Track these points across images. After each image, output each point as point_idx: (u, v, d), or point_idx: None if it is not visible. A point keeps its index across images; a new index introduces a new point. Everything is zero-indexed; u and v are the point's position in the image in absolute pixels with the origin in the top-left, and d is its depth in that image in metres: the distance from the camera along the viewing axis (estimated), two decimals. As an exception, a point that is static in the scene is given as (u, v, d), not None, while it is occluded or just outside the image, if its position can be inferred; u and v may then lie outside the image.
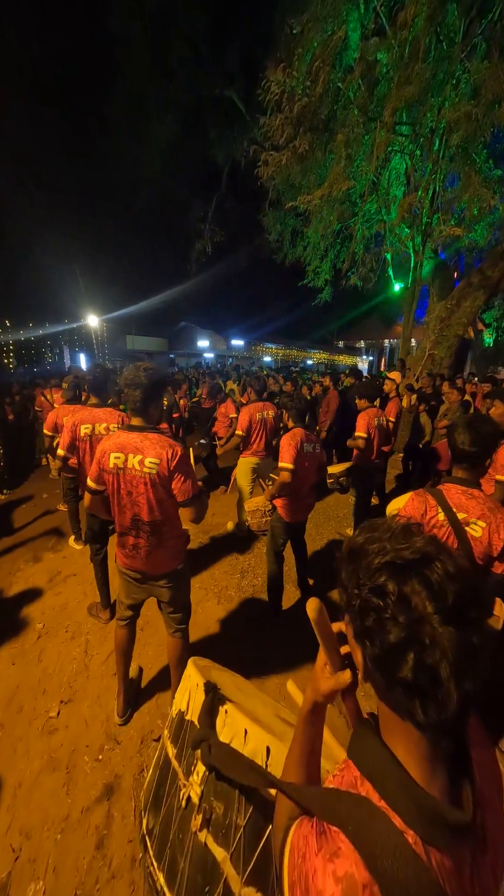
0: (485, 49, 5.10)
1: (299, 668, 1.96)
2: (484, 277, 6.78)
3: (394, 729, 0.40)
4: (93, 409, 2.13)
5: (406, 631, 0.34)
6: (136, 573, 1.52)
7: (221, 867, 0.63)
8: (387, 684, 0.37)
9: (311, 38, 5.57)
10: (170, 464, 1.33)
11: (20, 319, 20.06)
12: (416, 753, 0.38)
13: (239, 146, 8.81)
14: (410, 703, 0.35)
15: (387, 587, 0.36)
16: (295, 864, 0.39)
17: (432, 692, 0.34)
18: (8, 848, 1.25)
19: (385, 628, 0.35)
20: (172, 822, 0.69)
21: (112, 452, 1.36)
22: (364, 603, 0.38)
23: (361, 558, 0.40)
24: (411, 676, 0.34)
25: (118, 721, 1.65)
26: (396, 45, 5.15)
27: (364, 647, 0.38)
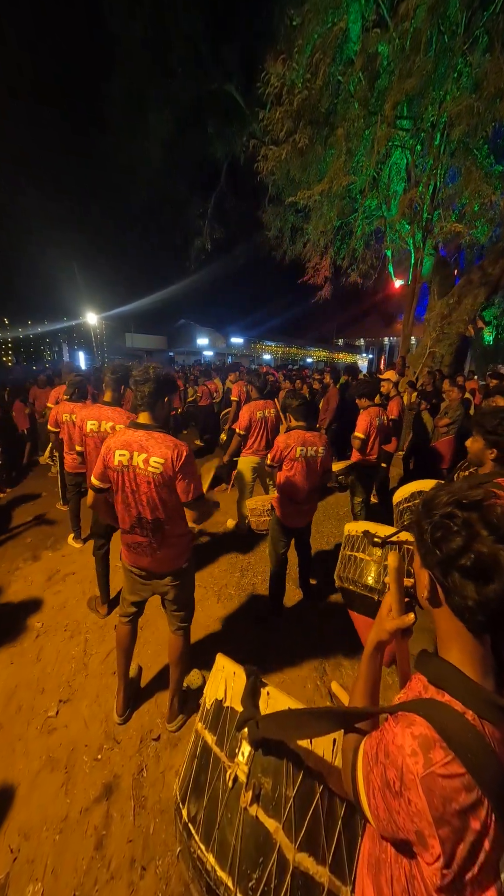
0: (486, 42, 5.03)
1: (300, 669, 1.95)
2: (484, 274, 6.74)
3: (451, 644, 0.52)
4: (102, 406, 2.12)
5: (466, 541, 0.48)
6: (142, 571, 1.51)
7: (274, 837, 0.66)
8: (446, 582, 0.49)
9: (312, 29, 5.50)
10: (175, 464, 1.32)
11: (18, 317, 19.97)
12: (470, 660, 0.50)
13: (238, 141, 8.72)
14: (466, 588, 0.47)
15: (454, 513, 0.50)
16: (369, 759, 0.49)
17: (484, 577, 0.46)
18: (6, 849, 1.24)
19: (451, 539, 0.49)
20: (219, 803, 0.71)
21: (117, 450, 1.35)
22: (435, 524, 0.51)
23: (434, 500, 0.54)
24: (470, 564, 0.47)
25: (117, 720, 1.64)
26: (397, 37, 5.09)
27: (433, 557, 0.51)
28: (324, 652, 2.05)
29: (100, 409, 2.10)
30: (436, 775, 0.42)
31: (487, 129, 5.35)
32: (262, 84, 6.03)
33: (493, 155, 6.43)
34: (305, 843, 0.65)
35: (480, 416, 1.48)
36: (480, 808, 0.41)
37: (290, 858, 0.64)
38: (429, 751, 0.44)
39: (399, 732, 0.46)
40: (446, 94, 5.23)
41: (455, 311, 7.04)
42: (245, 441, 3.09)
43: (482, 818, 0.41)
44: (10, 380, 8.33)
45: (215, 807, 0.71)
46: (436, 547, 0.50)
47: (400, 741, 0.46)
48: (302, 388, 6.68)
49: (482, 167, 5.81)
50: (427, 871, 0.43)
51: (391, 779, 0.45)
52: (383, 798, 0.46)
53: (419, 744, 0.44)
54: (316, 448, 2.04)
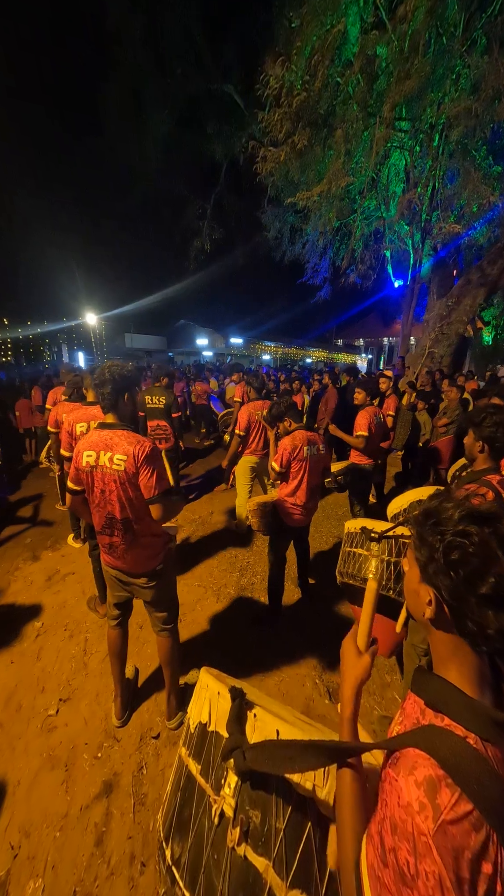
0: (485, 43, 5.05)
1: (298, 667, 1.96)
2: (483, 275, 6.76)
3: (449, 662, 0.50)
4: (89, 407, 2.12)
5: (484, 564, 0.45)
6: (117, 571, 1.52)
7: (264, 877, 0.61)
8: (459, 608, 0.47)
9: (310, 31, 5.52)
10: (136, 459, 1.32)
11: (18, 317, 19.96)
12: (469, 678, 0.49)
13: (237, 142, 8.73)
14: (483, 616, 0.45)
15: (470, 530, 0.47)
16: (375, 867, 0.44)
17: (502, 605, 0.44)
18: (7, 846, 1.25)
19: (468, 560, 0.46)
20: (205, 843, 0.66)
21: (84, 451, 1.37)
22: (448, 543, 0.48)
23: (440, 514, 0.51)
24: (490, 592, 0.44)
25: (116, 724, 1.64)
26: (396, 39, 5.11)
27: (444, 580, 0.48)
28: (322, 650, 2.07)
29: (86, 409, 2.09)
30: (446, 824, 0.39)
31: (486, 131, 5.37)
32: (260, 85, 6.05)
33: (492, 156, 6.45)
34: (296, 881, 0.60)
35: (472, 412, 1.51)
36: (491, 847, 0.39)
37: None
38: (435, 795, 0.41)
39: (403, 786, 0.43)
40: (445, 95, 5.25)
41: (454, 311, 7.06)
42: (244, 441, 3.10)
43: (493, 859, 0.39)
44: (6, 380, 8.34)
45: (201, 847, 0.66)
46: (449, 568, 0.47)
47: (406, 798, 0.42)
48: (301, 389, 6.70)
49: (481, 168, 5.84)
50: None
51: (403, 862, 0.41)
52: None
53: (425, 791, 0.41)
54: (318, 446, 2.08)
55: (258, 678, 1.88)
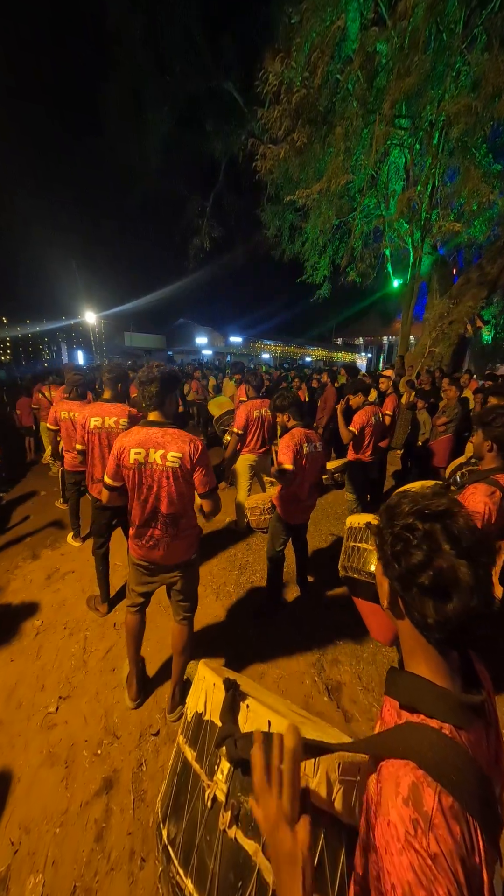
0: (485, 40, 5.02)
1: (297, 665, 1.97)
2: (483, 273, 6.75)
3: (417, 655, 0.50)
4: (103, 403, 2.17)
5: (427, 556, 0.45)
6: (151, 564, 1.56)
7: (254, 860, 0.63)
8: (406, 597, 0.48)
9: (310, 27, 5.48)
10: (192, 457, 1.38)
11: (17, 316, 19.90)
12: (436, 668, 0.49)
13: (236, 140, 8.69)
14: (425, 606, 0.46)
15: (415, 525, 0.47)
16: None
17: (443, 597, 0.44)
18: (7, 842, 1.25)
19: (410, 553, 0.47)
20: (198, 825, 0.69)
21: (132, 448, 1.38)
22: (395, 535, 0.49)
23: (396, 508, 0.51)
24: (428, 583, 0.45)
25: (131, 705, 1.68)
26: (396, 36, 5.08)
27: (392, 569, 0.49)
28: (321, 647, 2.08)
29: (101, 405, 2.15)
30: (437, 829, 0.38)
31: (486, 129, 5.35)
32: (260, 82, 6.01)
33: (492, 154, 6.43)
34: None
35: (481, 411, 1.53)
36: (474, 837, 0.39)
37: (271, 881, 0.61)
38: (421, 803, 0.39)
39: (393, 815, 0.40)
40: (445, 92, 5.22)
41: (454, 310, 7.05)
42: (243, 440, 3.10)
43: (478, 848, 0.39)
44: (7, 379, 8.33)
45: (194, 829, 0.69)
46: (395, 560, 0.48)
47: (400, 830, 0.39)
48: (301, 387, 6.70)
49: (480, 166, 5.81)
50: None
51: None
52: None
53: (413, 804, 0.40)
54: (315, 444, 2.09)
55: (258, 676, 1.88)
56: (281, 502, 2.13)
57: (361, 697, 1.78)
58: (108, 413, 2.11)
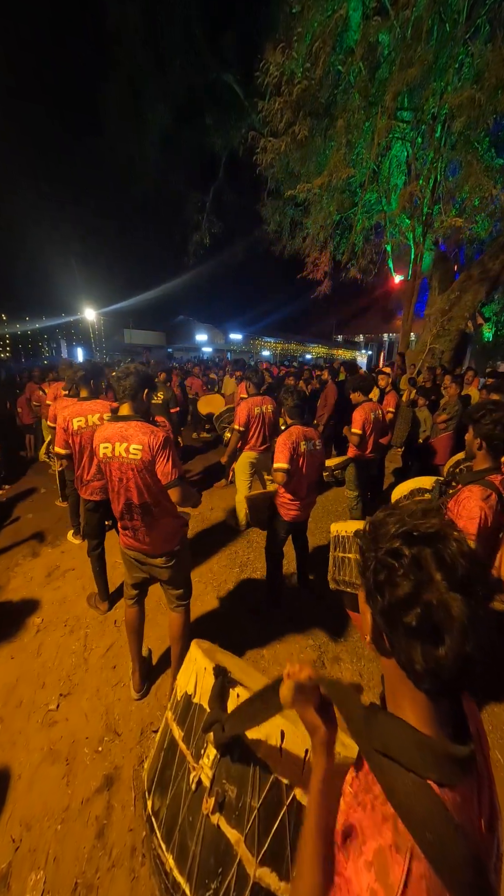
0: (488, 31, 4.95)
1: (298, 662, 1.97)
2: (484, 270, 6.70)
3: (401, 696, 0.44)
4: (82, 402, 2.13)
5: (415, 588, 0.39)
6: (136, 552, 1.60)
7: (235, 849, 0.63)
8: (391, 636, 0.41)
9: (311, 17, 5.39)
10: (152, 448, 1.40)
11: (16, 313, 19.77)
12: (421, 709, 0.42)
13: (237, 133, 8.58)
14: (412, 650, 0.39)
15: (402, 550, 0.41)
16: None
17: (433, 640, 0.38)
18: (8, 838, 1.25)
19: (395, 584, 0.40)
20: (182, 804, 0.69)
21: (101, 444, 1.45)
22: (379, 562, 0.42)
23: (380, 528, 0.45)
24: (415, 623, 0.38)
25: (135, 696, 1.71)
26: (398, 26, 5.00)
27: (375, 602, 0.42)
28: (322, 645, 2.08)
29: (80, 405, 2.10)
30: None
31: (488, 121, 5.28)
32: (261, 74, 5.92)
33: (494, 148, 6.35)
34: (268, 858, 0.61)
35: (471, 408, 1.50)
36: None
37: (251, 873, 0.61)
38: (387, 874, 0.35)
39: (349, 863, 0.38)
40: (447, 84, 5.14)
41: (455, 306, 7.01)
42: (244, 437, 3.08)
43: None
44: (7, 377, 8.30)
45: (178, 807, 0.69)
46: (378, 591, 0.41)
47: (351, 875, 0.37)
48: (299, 385, 6.67)
49: (483, 160, 5.74)
50: None
51: None
52: None
53: (376, 872, 0.36)
54: (314, 441, 2.08)
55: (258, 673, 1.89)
56: (280, 500, 2.12)
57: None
58: (89, 411, 2.07)
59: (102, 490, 2.13)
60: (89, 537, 2.27)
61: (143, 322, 24.69)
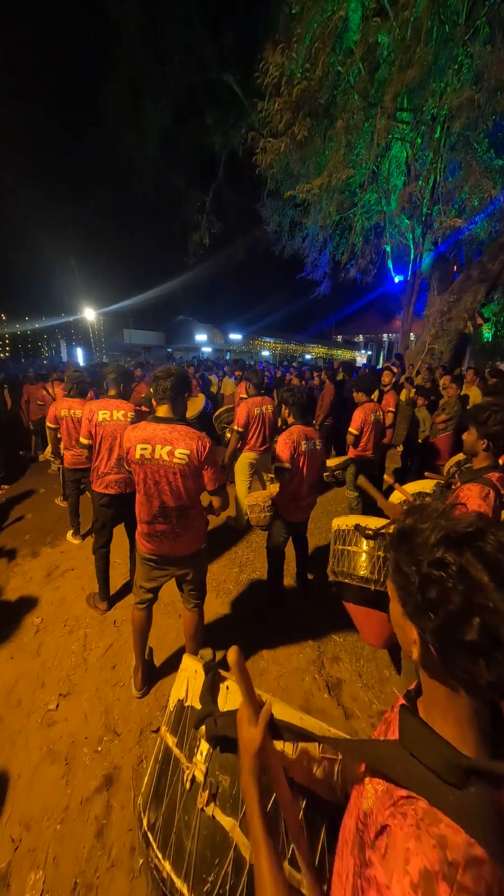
0: (487, 32, 4.96)
1: (298, 662, 1.97)
2: (484, 270, 6.72)
3: (443, 706, 0.42)
4: (109, 399, 2.21)
5: (468, 600, 0.36)
6: (161, 557, 1.58)
7: (231, 836, 0.63)
8: (447, 653, 0.39)
9: (311, 18, 5.40)
10: (200, 455, 1.40)
11: (15, 313, 19.76)
12: (464, 730, 0.40)
13: (236, 133, 8.60)
14: (474, 665, 0.37)
15: (446, 559, 0.38)
16: None
17: (495, 646, 0.35)
18: (8, 838, 1.25)
19: (448, 598, 0.37)
20: (177, 807, 0.70)
21: (139, 444, 1.40)
22: (425, 577, 0.39)
23: (415, 537, 0.42)
24: (477, 638, 0.36)
25: (136, 694, 1.72)
26: (398, 27, 5.01)
27: (425, 621, 0.39)
28: (322, 645, 2.08)
29: (108, 401, 2.19)
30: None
31: (488, 122, 5.30)
32: (260, 74, 5.93)
33: (493, 149, 6.36)
34: None
35: (474, 408, 1.50)
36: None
37: (248, 857, 0.61)
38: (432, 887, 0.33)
39: (394, 882, 0.34)
40: (447, 85, 5.16)
41: (455, 307, 7.02)
42: (244, 438, 3.09)
43: None
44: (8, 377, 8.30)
45: (173, 811, 0.70)
46: (430, 610, 0.39)
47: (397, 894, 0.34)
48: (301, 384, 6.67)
49: (482, 161, 5.76)
50: None
51: None
52: None
53: (423, 894, 0.33)
54: (314, 441, 2.09)
55: (258, 673, 1.89)
56: (280, 500, 2.12)
57: (362, 694, 1.78)
58: (115, 407, 2.15)
59: (118, 484, 2.15)
60: (98, 534, 2.27)
61: (142, 322, 24.70)
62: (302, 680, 1.86)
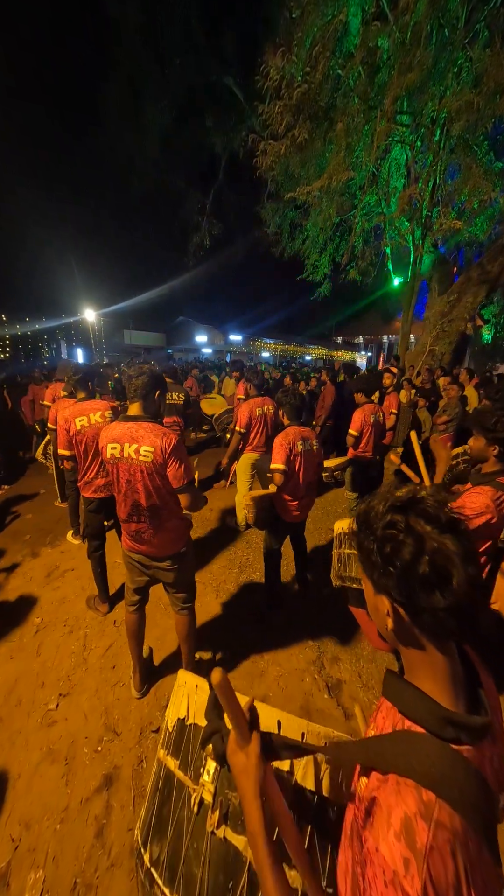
0: (487, 36, 4.99)
1: (298, 663, 1.97)
2: (483, 272, 6.74)
3: (419, 666, 0.47)
4: (82, 402, 2.14)
5: (417, 545, 0.44)
6: (141, 556, 1.57)
7: (244, 855, 0.62)
8: (411, 600, 0.44)
9: (311, 21, 5.43)
10: (164, 451, 1.37)
11: (16, 314, 19.79)
12: (441, 685, 0.46)
13: (237, 135, 8.64)
14: (433, 599, 0.43)
15: (395, 520, 0.46)
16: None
17: (445, 578, 0.42)
18: (7, 838, 1.26)
19: (401, 548, 0.44)
20: (184, 834, 0.66)
21: (108, 444, 1.41)
22: (381, 538, 0.46)
23: (369, 515, 0.49)
24: (429, 571, 0.43)
25: (136, 695, 1.72)
26: (398, 31, 5.03)
27: (388, 579, 0.46)
28: (321, 645, 2.08)
29: (80, 405, 2.10)
30: (429, 867, 0.36)
31: (487, 125, 5.32)
32: (260, 77, 5.96)
33: (493, 151, 6.39)
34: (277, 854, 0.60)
35: (479, 414, 1.50)
36: (476, 855, 0.37)
37: None
38: (414, 840, 0.37)
39: (383, 848, 0.38)
40: (446, 88, 5.18)
41: (455, 308, 7.04)
42: (245, 438, 3.09)
43: (477, 870, 0.37)
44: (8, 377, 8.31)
45: (180, 839, 0.66)
46: (388, 564, 0.45)
47: (390, 866, 0.37)
48: (299, 385, 6.69)
49: (482, 164, 5.78)
50: None
51: None
52: None
53: (405, 841, 0.38)
54: (311, 441, 2.10)
55: (258, 674, 1.89)
56: (277, 500, 2.13)
57: (361, 695, 1.79)
58: (90, 410, 2.07)
59: (106, 487, 2.13)
60: (90, 538, 2.26)
61: (143, 323, 24.73)
62: (302, 680, 1.86)
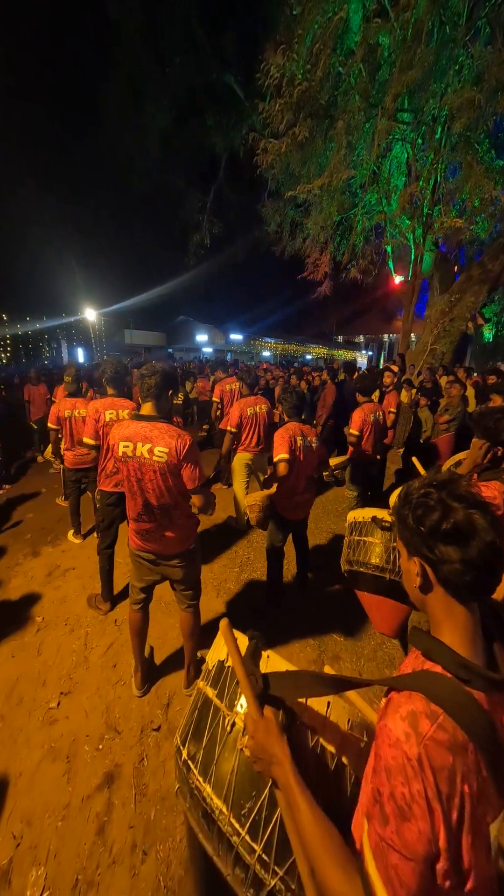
0: (488, 33, 4.96)
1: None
2: (484, 270, 6.71)
3: (443, 627, 0.55)
4: (113, 398, 2.21)
5: (444, 510, 0.54)
6: (150, 555, 1.57)
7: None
8: (435, 555, 0.53)
9: (312, 19, 5.40)
10: (179, 453, 1.38)
11: (16, 314, 19.78)
12: (461, 639, 0.53)
13: (237, 134, 8.60)
14: (452, 551, 0.52)
15: (430, 492, 0.56)
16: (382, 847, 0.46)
17: (465, 536, 0.51)
18: (9, 835, 1.26)
19: (431, 511, 0.55)
20: (217, 744, 0.75)
21: (121, 442, 1.41)
22: (416, 504, 0.57)
23: (409, 489, 0.60)
24: (450, 527, 0.52)
25: (137, 693, 1.73)
26: (398, 28, 5.01)
27: (418, 538, 0.55)
28: (322, 644, 2.08)
29: (112, 400, 2.19)
30: (427, 746, 0.44)
31: (488, 123, 5.30)
32: (261, 75, 5.94)
33: (494, 149, 6.36)
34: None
35: (479, 416, 1.49)
36: (472, 770, 0.44)
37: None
38: (417, 724, 0.46)
39: (391, 726, 0.48)
40: (447, 86, 5.15)
41: (456, 307, 7.01)
42: (238, 438, 3.09)
43: (473, 779, 0.44)
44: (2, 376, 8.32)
45: (213, 747, 0.75)
46: (419, 525, 0.55)
47: (394, 735, 0.47)
48: (300, 384, 6.69)
49: (483, 162, 5.75)
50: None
51: (400, 797, 0.44)
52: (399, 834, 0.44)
53: (409, 723, 0.47)
54: (309, 438, 2.11)
55: (258, 672, 1.89)
56: (278, 498, 2.13)
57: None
58: (120, 406, 2.17)
59: None
60: (103, 534, 2.27)
61: (143, 322, 24.68)
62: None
